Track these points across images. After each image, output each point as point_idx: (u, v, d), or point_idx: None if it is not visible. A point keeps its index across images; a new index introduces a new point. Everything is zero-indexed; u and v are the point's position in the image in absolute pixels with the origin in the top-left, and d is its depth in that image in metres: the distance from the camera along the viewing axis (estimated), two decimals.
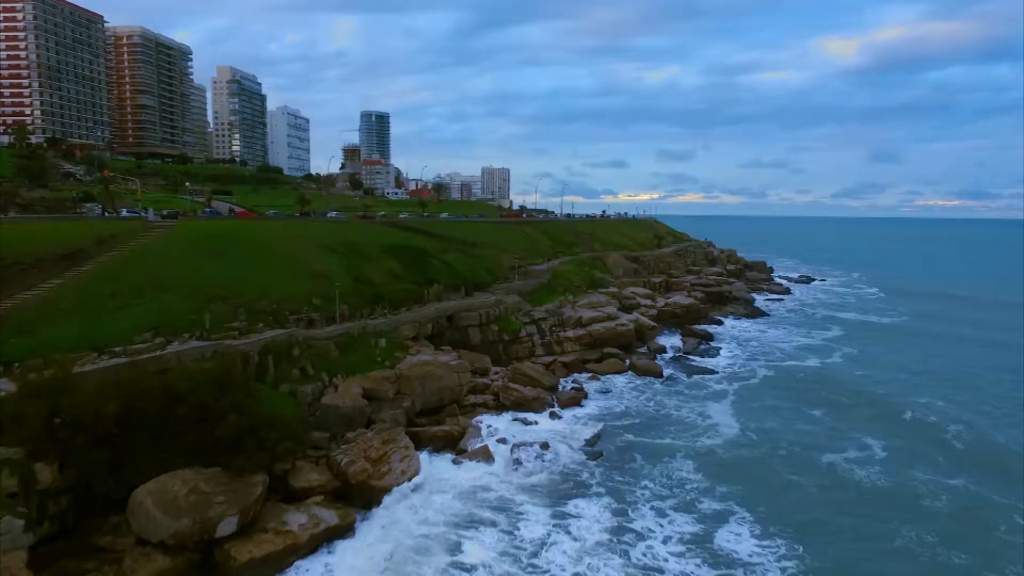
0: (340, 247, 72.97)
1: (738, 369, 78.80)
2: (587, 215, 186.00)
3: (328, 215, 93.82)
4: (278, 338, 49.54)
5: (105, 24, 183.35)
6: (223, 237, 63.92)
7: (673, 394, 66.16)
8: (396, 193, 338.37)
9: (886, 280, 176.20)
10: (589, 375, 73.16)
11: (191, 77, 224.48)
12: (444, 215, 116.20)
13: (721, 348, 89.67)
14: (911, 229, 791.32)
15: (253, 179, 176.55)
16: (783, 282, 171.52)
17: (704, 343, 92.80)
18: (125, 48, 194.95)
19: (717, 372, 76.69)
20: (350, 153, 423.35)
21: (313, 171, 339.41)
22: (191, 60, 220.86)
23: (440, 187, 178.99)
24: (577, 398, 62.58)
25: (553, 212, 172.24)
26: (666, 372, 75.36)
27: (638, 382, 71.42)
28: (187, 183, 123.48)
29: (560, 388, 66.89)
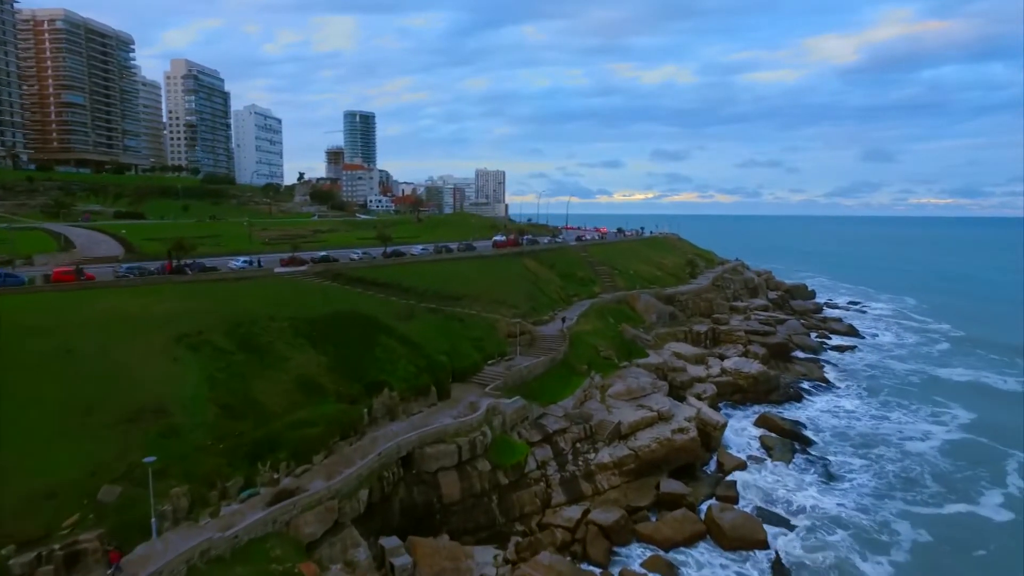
0: (215, 335, 42.28)
1: (881, 510, 48.89)
2: (598, 235, 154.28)
3: (232, 264, 62.16)
4: None
5: (15, 5, 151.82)
6: None
7: None
8: (380, 201, 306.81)
9: (952, 311, 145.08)
10: (648, 553, 42.68)
11: (133, 71, 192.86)
12: (417, 248, 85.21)
13: (828, 461, 59.21)
14: (910, 229, 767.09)
15: (195, 191, 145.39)
16: (838, 314, 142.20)
17: (796, 446, 62.59)
18: (46, 35, 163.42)
19: (848, 526, 46.62)
20: (333, 156, 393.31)
21: (291, 178, 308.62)
22: (133, 50, 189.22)
23: (419, 203, 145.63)
24: None
25: (560, 234, 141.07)
26: (770, 530, 45.20)
27: (740, 570, 41.02)
28: (80, 206, 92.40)
29: None
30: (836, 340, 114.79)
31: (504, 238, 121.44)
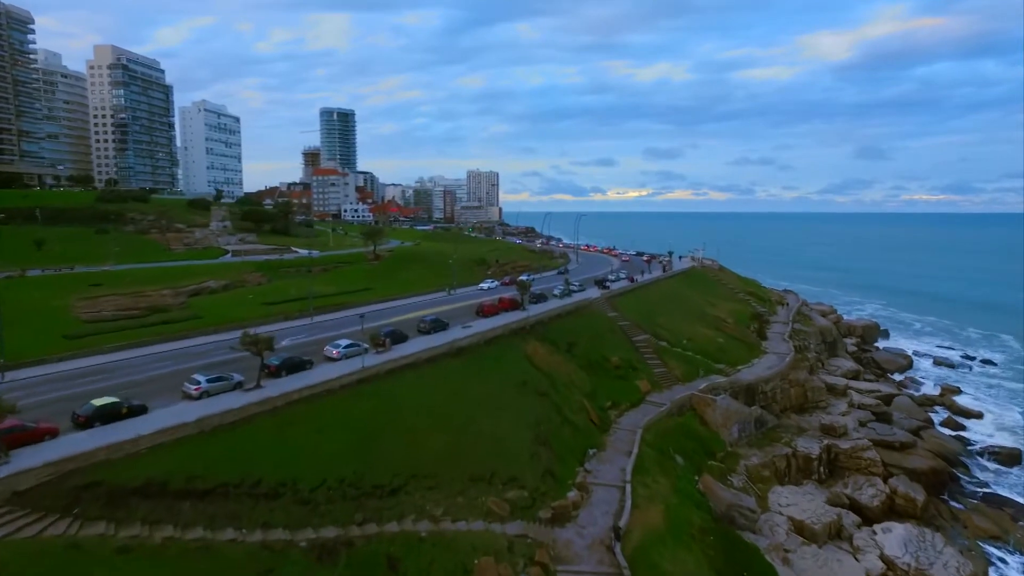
0: None
1: None
2: (623, 275, 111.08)
3: None
4: None
5: None
6: None
7: None
8: (356, 210, 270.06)
9: None
10: None
11: (32, 56, 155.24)
12: (340, 346, 47.96)
13: None
14: (909, 228, 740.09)
15: (80, 214, 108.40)
16: (939, 372, 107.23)
17: None
18: None
19: None
20: (311, 158, 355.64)
21: (252, 184, 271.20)
22: (32, 31, 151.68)
23: (378, 232, 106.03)
24: None
25: (572, 264, 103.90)
26: None
27: None
28: None
29: None
30: (976, 432, 79.64)
31: (495, 285, 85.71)
